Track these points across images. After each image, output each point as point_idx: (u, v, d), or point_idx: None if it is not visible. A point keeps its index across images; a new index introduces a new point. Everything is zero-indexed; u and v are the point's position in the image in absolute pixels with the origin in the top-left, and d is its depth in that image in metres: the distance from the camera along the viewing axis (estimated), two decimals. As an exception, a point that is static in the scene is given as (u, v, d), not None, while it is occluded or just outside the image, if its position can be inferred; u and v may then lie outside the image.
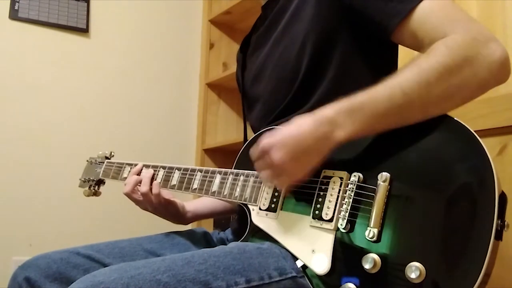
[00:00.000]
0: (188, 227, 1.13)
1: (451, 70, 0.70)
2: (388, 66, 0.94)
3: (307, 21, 0.91)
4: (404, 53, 0.97)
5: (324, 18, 0.89)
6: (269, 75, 0.98)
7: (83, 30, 2.20)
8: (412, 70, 0.71)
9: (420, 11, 0.78)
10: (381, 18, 0.81)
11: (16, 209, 1.98)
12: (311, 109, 0.89)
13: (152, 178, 1.03)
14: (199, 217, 1.14)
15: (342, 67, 0.89)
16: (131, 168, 1.08)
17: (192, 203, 1.14)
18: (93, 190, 1.19)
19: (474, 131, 0.69)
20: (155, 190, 1.00)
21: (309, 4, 0.91)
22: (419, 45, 0.80)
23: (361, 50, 0.89)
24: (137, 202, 1.05)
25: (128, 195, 1.04)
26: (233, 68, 2.20)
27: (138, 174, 1.06)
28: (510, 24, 1.24)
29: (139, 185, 1.03)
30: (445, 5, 0.78)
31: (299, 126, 0.74)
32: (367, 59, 0.89)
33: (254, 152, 0.78)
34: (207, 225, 2.24)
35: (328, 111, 0.73)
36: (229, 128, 2.46)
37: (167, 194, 1.05)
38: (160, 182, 1.02)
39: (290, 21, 0.95)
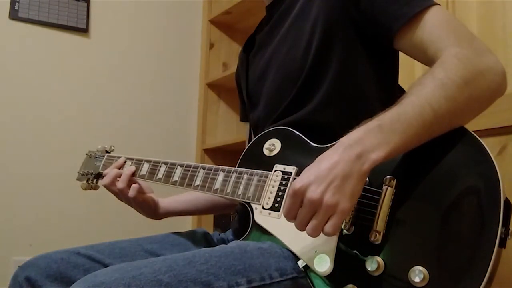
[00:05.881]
0: (187, 227, 1.13)
1: (469, 82, 0.71)
2: (390, 70, 0.94)
3: (313, 20, 0.91)
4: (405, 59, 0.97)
5: (330, 17, 0.89)
6: (274, 73, 0.97)
7: (83, 30, 2.20)
8: (434, 84, 0.71)
9: (426, 19, 0.79)
10: (386, 19, 0.82)
11: (16, 209, 1.98)
12: (313, 109, 0.89)
13: (134, 175, 1.06)
14: (170, 214, 1.16)
15: (344, 66, 0.89)
16: (132, 162, 1.08)
17: (166, 200, 1.15)
18: (91, 184, 1.18)
19: (474, 131, 0.70)
20: (131, 193, 1.03)
21: (315, 3, 0.92)
22: (422, 55, 0.80)
23: (364, 52, 0.89)
24: (114, 193, 1.08)
25: (106, 187, 1.07)
26: (233, 68, 2.20)
27: (120, 167, 1.09)
28: (510, 24, 1.24)
29: (119, 179, 1.05)
30: (449, 17, 0.80)
31: (329, 157, 0.68)
32: (370, 61, 0.89)
33: (287, 208, 0.69)
34: (208, 226, 2.24)
35: (354, 133, 0.69)
36: (229, 128, 2.46)
37: (145, 188, 1.08)
38: (145, 175, 1.04)
39: (296, 20, 0.95)
